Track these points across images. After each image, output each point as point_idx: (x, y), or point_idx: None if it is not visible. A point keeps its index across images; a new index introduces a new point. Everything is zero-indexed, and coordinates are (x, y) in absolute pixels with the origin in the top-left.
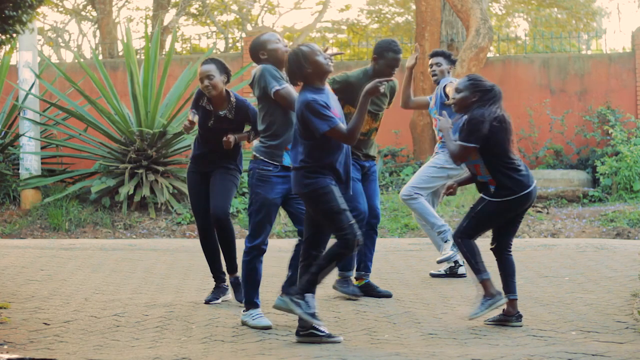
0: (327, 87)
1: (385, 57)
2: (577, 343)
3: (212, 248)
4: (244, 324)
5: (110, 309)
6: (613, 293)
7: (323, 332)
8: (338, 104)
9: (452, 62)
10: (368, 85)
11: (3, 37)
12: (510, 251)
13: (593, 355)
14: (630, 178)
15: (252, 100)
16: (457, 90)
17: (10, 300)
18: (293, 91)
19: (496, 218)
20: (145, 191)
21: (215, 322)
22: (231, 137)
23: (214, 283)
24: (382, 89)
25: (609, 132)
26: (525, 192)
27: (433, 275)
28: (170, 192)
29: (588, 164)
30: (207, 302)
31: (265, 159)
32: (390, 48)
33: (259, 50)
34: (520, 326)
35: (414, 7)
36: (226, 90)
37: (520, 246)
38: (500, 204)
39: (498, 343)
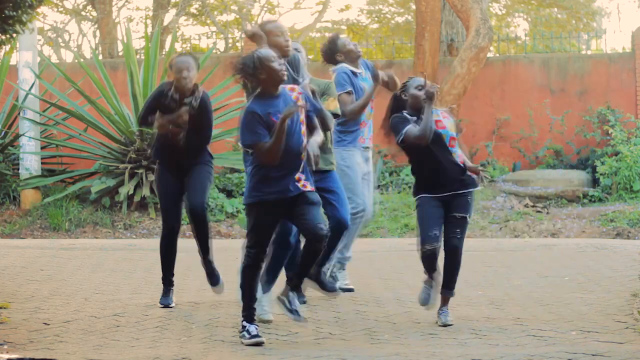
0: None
1: None
2: (577, 343)
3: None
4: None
5: (110, 309)
6: (613, 293)
7: None
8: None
9: None
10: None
11: (3, 37)
12: None
13: (593, 355)
14: (630, 178)
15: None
16: None
17: (10, 300)
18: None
19: None
20: (145, 191)
21: (215, 322)
22: None
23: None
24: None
25: (609, 132)
26: None
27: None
28: None
29: (588, 164)
30: (166, 305)
31: None
32: None
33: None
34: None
35: (414, 7)
36: None
37: (520, 246)
38: None
39: (498, 343)
